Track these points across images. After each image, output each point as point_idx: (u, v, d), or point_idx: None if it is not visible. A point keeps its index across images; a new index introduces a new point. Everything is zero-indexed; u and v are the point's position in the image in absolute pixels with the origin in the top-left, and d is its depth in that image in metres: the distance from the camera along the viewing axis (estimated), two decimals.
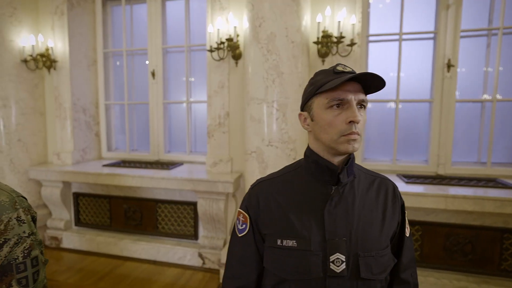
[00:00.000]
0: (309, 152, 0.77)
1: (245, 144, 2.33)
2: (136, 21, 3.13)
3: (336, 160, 0.73)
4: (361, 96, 0.68)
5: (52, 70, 2.93)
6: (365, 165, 2.52)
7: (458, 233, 2.13)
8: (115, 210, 2.85)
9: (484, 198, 1.93)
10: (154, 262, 2.64)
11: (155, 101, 3.02)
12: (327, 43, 2.26)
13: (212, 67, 2.56)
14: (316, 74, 0.76)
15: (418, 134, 2.61)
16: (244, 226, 0.79)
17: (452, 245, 2.15)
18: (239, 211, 0.82)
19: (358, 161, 2.42)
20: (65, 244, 2.87)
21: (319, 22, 2.20)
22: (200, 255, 2.54)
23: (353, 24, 2.21)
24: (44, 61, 2.85)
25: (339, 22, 2.16)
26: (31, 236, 0.78)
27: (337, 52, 2.26)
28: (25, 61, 2.80)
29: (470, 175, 2.36)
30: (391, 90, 2.58)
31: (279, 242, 0.72)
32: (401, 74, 2.52)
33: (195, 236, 2.68)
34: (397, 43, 2.51)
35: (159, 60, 2.97)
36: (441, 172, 2.42)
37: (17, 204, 0.78)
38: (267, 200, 0.77)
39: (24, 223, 0.78)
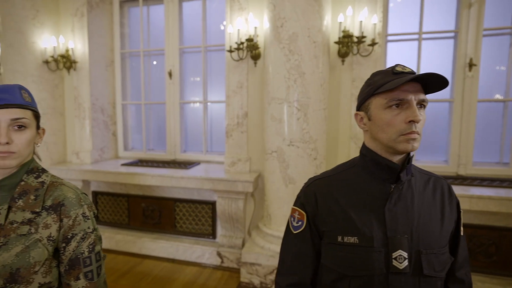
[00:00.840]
0: (366, 151, 0.78)
1: (265, 143, 2.34)
2: (153, 22, 3.17)
3: (396, 159, 0.74)
4: (421, 96, 0.69)
5: (71, 70, 2.98)
6: None
7: (481, 234, 2.11)
8: (133, 209, 2.88)
9: (511, 199, 1.91)
10: (172, 261, 2.67)
11: (172, 101, 3.05)
12: (347, 43, 2.25)
13: (231, 67, 2.57)
14: (374, 75, 0.77)
15: (438, 134, 2.59)
16: (300, 223, 0.80)
17: (476, 246, 2.13)
18: (293, 208, 0.84)
19: None
20: None
21: (340, 22, 2.20)
22: (219, 254, 2.56)
23: (375, 24, 2.21)
24: (64, 62, 2.90)
25: (360, 22, 2.15)
26: (94, 232, 0.81)
27: (358, 52, 2.25)
28: (46, 62, 2.85)
29: (491, 176, 2.34)
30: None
31: (339, 238, 0.73)
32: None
33: (213, 235, 2.70)
34: (414, 42, 2.50)
35: (176, 60, 3.00)
36: (462, 172, 2.40)
37: (82, 200, 0.81)
38: (325, 198, 0.78)
39: (88, 219, 0.80)
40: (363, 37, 2.18)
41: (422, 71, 2.50)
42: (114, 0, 3.12)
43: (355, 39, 2.24)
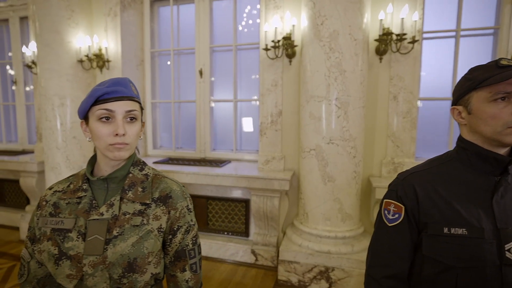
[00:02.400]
0: (466, 144, 0.79)
1: (302, 142, 2.34)
2: (182, 21, 3.19)
3: (501, 151, 0.75)
4: None
5: (104, 69, 3.02)
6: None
7: None
8: None
9: None
10: (206, 258, 2.68)
11: (202, 100, 3.07)
12: (386, 40, 2.24)
13: (265, 66, 2.58)
14: (473, 70, 0.79)
15: None
16: (397, 215, 0.81)
17: None
18: (388, 201, 0.84)
19: (410, 160, 2.39)
20: None
21: (381, 20, 2.18)
22: (253, 252, 2.57)
23: (415, 21, 2.19)
24: (97, 61, 2.94)
25: (402, 19, 2.14)
26: (195, 225, 0.82)
27: (397, 50, 2.24)
28: (80, 61, 2.89)
29: None
30: (446, 89, 2.54)
31: (445, 230, 0.74)
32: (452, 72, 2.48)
33: (246, 233, 2.71)
34: (449, 40, 2.47)
35: (206, 59, 3.02)
36: None
37: (185, 193, 0.82)
38: (426, 190, 0.79)
39: (191, 212, 0.81)
40: (404, 34, 2.17)
41: (459, 70, 2.47)
42: None
43: (395, 37, 2.22)
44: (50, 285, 0.82)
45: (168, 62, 3.29)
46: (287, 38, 2.40)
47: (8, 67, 3.85)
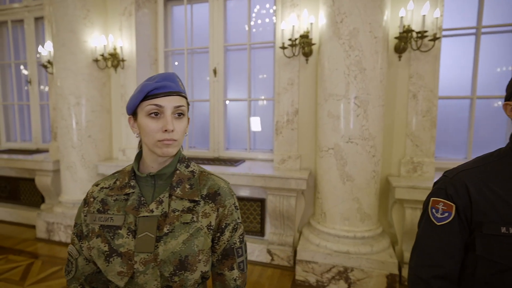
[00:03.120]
0: None
1: (320, 141, 2.32)
2: (195, 20, 3.19)
3: None
4: None
5: (119, 69, 3.03)
6: (436, 164, 2.46)
7: None
8: None
9: None
10: None
11: (216, 99, 3.06)
12: (407, 38, 2.21)
13: (281, 64, 2.56)
14: None
15: (493, 131, 2.51)
16: (446, 214, 0.79)
17: None
18: (436, 200, 0.82)
19: (430, 159, 2.35)
20: None
21: (402, 17, 2.15)
22: (269, 252, 2.55)
23: (436, 18, 2.15)
24: (112, 61, 2.95)
25: (423, 16, 2.11)
26: (241, 223, 0.81)
27: (418, 47, 2.20)
28: (96, 60, 2.90)
29: None
30: (465, 87, 2.50)
31: (503, 229, 0.72)
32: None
33: (261, 232, 2.70)
34: (469, 37, 2.43)
35: (220, 58, 3.01)
36: None
37: (232, 191, 0.81)
38: (479, 188, 0.77)
39: (237, 209, 0.80)
40: (425, 31, 2.13)
41: (480, 67, 2.43)
42: None
43: (415, 34, 2.19)
44: (97, 282, 0.82)
45: (176, 63, 3.30)
46: (305, 36, 2.38)
47: (22, 67, 3.89)
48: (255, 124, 3.07)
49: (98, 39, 2.90)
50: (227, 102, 3.12)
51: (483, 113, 2.51)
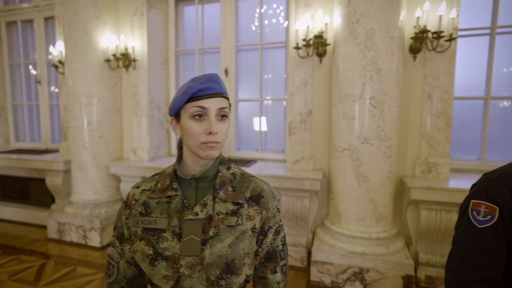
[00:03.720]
0: None
1: (335, 141, 2.31)
2: (205, 20, 3.19)
3: None
4: None
5: (130, 69, 3.03)
6: (451, 165, 2.45)
7: None
8: None
9: None
10: None
11: None
12: (422, 38, 2.20)
13: (295, 65, 2.56)
14: None
15: (505, 132, 2.50)
16: (489, 217, 0.78)
17: None
18: (477, 202, 0.81)
19: (445, 160, 2.34)
20: None
21: (418, 17, 2.15)
22: None
23: (453, 18, 2.15)
24: (123, 61, 2.95)
25: (440, 16, 2.10)
26: (283, 226, 0.80)
27: (434, 48, 2.20)
28: (108, 60, 2.90)
29: None
30: (479, 87, 2.49)
31: None
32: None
33: None
34: (483, 37, 2.42)
35: (232, 58, 3.01)
36: None
37: (273, 193, 0.80)
38: None
39: (279, 212, 0.79)
40: (441, 32, 2.13)
41: (494, 68, 2.42)
42: None
43: (431, 34, 2.18)
44: (137, 285, 0.81)
45: (186, 63, 3.30)
46: (319, 37, 2.38)
47: (30, 67, 3.89)
48: (263, 124, 3.07)
49: (110, 39, 2.90)
50: (239, 103, 3.11)
51: (495, 114, 2.50)
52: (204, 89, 0.69)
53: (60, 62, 3.20)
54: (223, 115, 0.72)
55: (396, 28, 2.09)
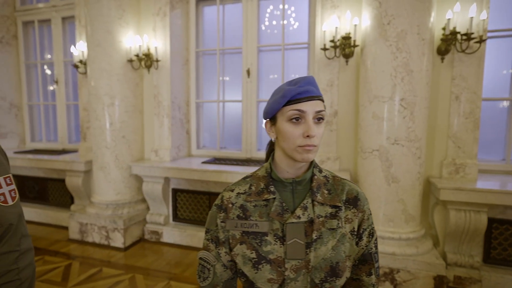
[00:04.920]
0: None
1: (363, 142, 2.32)
2: (225, 21, 3.19)
3: None
4: None
5: (151, 69, 3.03)
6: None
7: None
8: None
9: None
10: None
11: (249, 99, 3.06)
12: (452, 40, 2.21)
13: (321, 66, 2.56)
14: None
15: None
16: None
17: None
18: None
19: (472, 161, 2.35)
20: (165, 238, 2.96)
21: (449, 19, 2.16)
22: None
23: (483, 20, 2.16)
24: (146, 61, 2.94)
25: (471, 18, 2.11)
26: (374, 228, 0.81)
27: (463, 50, 2.21)
28: (130, 61, 2.90)
29: None
30: (504, 88, 2.51)
31: None
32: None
33: None
34: (507, 38, 2.44)
35: (254, 59, 3.01)
36: None
37: (365, 196, 0.80)
38: None
39: (371, 214, 0.80)
40: (471, 33, 2.14)
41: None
42: None
43: (461, 36, 2.19)
44: None
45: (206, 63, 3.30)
46: (346, 38, 2.38)
47: (45, 67, 3.88)
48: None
49: (132, 39, 2.90)
50: (259, 103, 3.12)
51: None
52: (302, 92, 0.70)
53: (80, 62, 3.19)
54: (319, 118, 0.72)
55: (427, 29, 2.10)
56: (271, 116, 0.75)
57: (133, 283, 2.29)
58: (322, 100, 0.74)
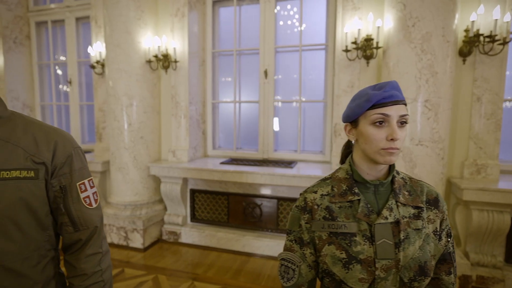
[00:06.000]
0: None
1: None
2: (242, 22, 3.20)
3: None
4: None
5: (169, 70, 3.03)
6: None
7: None
8: (233, 207, 2.91)
9: None
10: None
11: (266, 100, 3.07)
12: (475, 41, 2.23)
13: (341, 67, 2.58)
14: None
15: None
16: None
17: None
18: None
19: (494, 162, 2.37)
20: (184, 239, 2.97)
21: (473, 21, 2.18)
22: None
23: (507, 22, 2.18)
24: (163, 61, 2.94)
25: (495, 20, 2.13)
26: (451, 230, 0.82)
27: (486, 52, 2.23)
28: (149, 61, 2.90)
29: None
30: None
31: None
32: None
33: None
34: None
35: (271, 60, 3.02)
36: None
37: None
38: None
39: (447, 215, 0.81)
40: (495, 35, 2.16)
41: None
42: (207, 0, 3.16)
43: (484, 38, 2.21)
44: None
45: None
46: (368, 40, 2.40)
47: (56, 67, 3.87)
48: (275, 124, 3.11)
49: (151, 40, 2.90)
50: (278, 104, 3.13)
51: None
52: (387, 96, 0.71)
53: (97, 62, 3.18)
54: (403, 122, 0.73)
55: (451, 31, 2.12)
56: (353, 119, 0.76)
57: (156, 284, 2.29)
58: (405, 104, 0.76)
